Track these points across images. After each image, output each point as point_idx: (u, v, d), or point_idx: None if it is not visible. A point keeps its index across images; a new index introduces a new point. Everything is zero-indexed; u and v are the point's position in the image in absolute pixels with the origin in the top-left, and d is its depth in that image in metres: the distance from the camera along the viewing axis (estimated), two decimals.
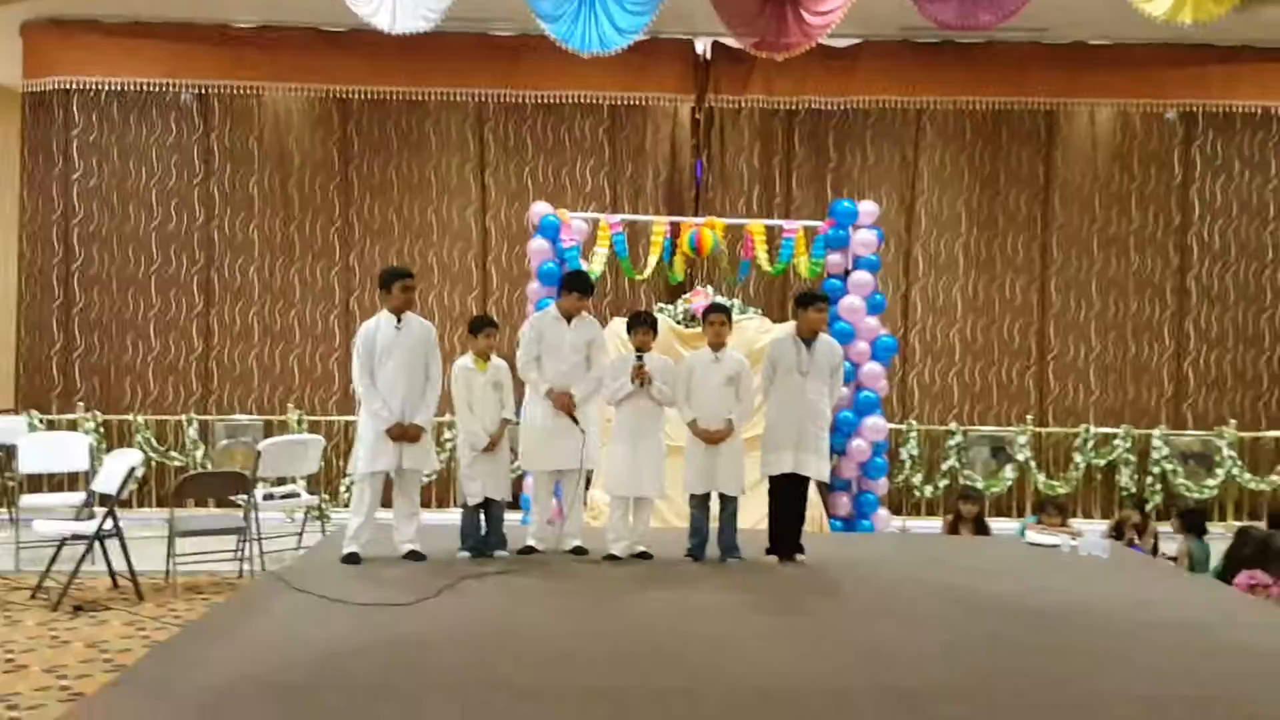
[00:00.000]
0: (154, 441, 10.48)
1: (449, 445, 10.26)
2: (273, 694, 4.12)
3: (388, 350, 6.42)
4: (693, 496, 6.70)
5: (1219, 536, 8.26)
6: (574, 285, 6.79)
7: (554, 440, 6.69)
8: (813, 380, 6.64)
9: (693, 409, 6.63)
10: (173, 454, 10.50)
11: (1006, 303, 11.26)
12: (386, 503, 6.68)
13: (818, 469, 6.66)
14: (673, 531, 7.53)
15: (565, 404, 6.63)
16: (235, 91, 10.97)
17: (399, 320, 6.48)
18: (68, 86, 10.90)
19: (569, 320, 6.77)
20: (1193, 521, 7.98)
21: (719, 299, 9.78)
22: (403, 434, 6.40)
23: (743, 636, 5.03)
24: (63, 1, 10.33)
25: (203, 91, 10.98)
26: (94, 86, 10.92)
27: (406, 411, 6.43)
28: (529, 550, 6.75)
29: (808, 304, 6.72)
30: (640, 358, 6.66)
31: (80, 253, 11.01)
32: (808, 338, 6.70)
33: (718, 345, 6.70)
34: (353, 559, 6.37)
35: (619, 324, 9.57)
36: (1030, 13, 8.33)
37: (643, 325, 6.76)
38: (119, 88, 10.92)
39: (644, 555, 6.68)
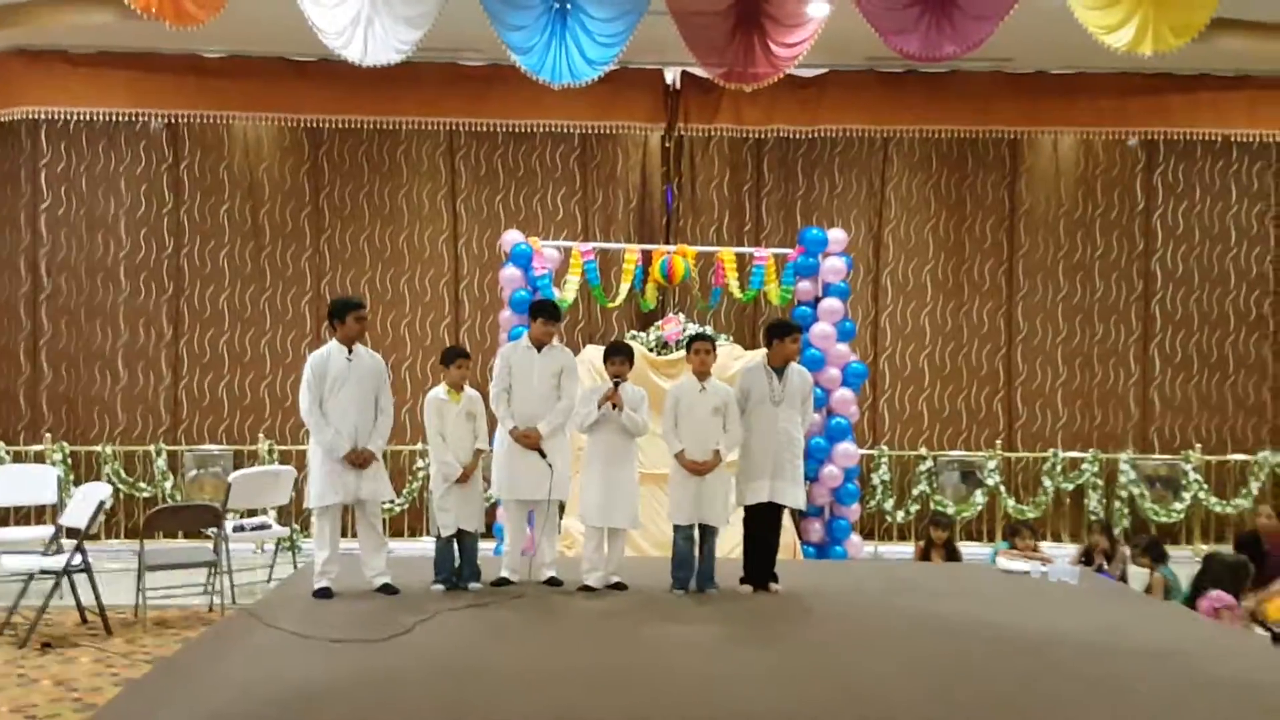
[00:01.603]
0: (122, 472, 10.35)
1: (421, 474, 10.21)
2: None
3: (339, 381, 6.38)
4: (677, 528, 6.65)
5: (1186, 560, 8.33)
6: (539, 312, 6.80)
7: (524, 470, 6.67)
8: (786, 409, 6.66)
9: (680, 439, 6.61)
10: (141, 485, 10.38)
11: (974, 328, 11.35)
12: (350, 531, 6.62)
13: (794, 497, 6.67)
14: (647, 561, 7.51)
15: (529, 443, 6.62)
16: (204, 120, 10.92)
17: (350, 351, 6.44)
18: (36, 117, 10.81)
19: (539, 348, 6.76)
20: (1155, 552, 8.06)
21: (692, 327, 9.82)
22: (355, 459, 6.34)
23: (720, 669, 5.01)
24: (30, 32, 10.23)
25: (172, 120, 10.92)
26: (62, 117, 10.84)
27: (358, 443, 6.38)
28: (503, 582, 6.70)
29: (783, 334, 6.73)
30: (616, 385, 6.66)
31: (48, 283, 10.91)
32: (778, 366, 6.72)
33: (703, 374, 6.69)
34: (324, 594, 6.31)
35: (592, 351, 9.58)
36: (994, 43, 8.43)
37: (619, 355, 6.76)
38: (87, 118, 10.84)
39: (618, 586, 6.65)
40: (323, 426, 6.33)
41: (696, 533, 6.68)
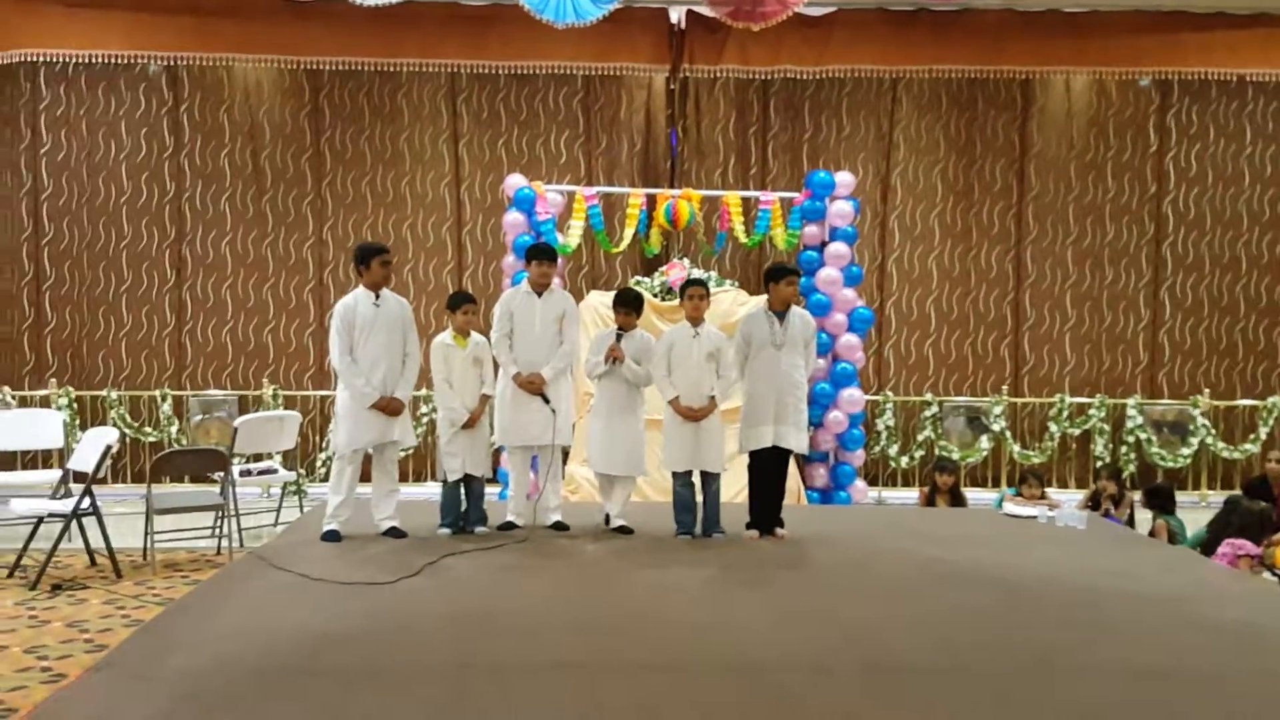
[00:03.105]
0: (128, 417, 10.44)
1: (426, 420, 10.28)
2: (257, 678, 4.15)
3: (368, 327, 6.44)
4: (676, 475, 6.74)
5: (1192, 505, 8.38)
6: (534, 255, 6.85)
7: (526, 416, 6.75)
8: (788, 353, 6.69)
9: (674, 385, 6.66)
10: (147, 429, 10.47)
11: (982, 273, 11.33)
12: (365, 478, 6.70)
13: (797, 441, 6.72)
14: (653, 507, 7.59)
15: (533, 388, 6.67)
16: (203, 63, 10.86)
17: (377, 296, 6.49)
18: (34, 59, 10.76)
19: (539, 293, 6.80)
20: (1160, 501, 8.02)
21: (696, 272, 9.82)
22: (387, 407, 6.43)
23: (724, 613, 5.10)
24: None
25: (171, 63, 10.86)
26: (61, 59, 10.78)
27: (388, 387, 6.47)
28: (509, 526, 6.80)
29: (779, 277, 6.75)
30: (619, 336, 6.71)
31: (50, 228, 10.91)
32: (780, 310, 6.74)
33: (696, 320, 6.74)
34: (333, 537, 6.41)
35: (596, 297, 9.61)
36: None
37: (625, 306, 6.80)
38: (86, 60, 10.78)
39: (623, 530, 6.73)
40: (354, 373, 6.40)
41: (697, 478, 6.75)
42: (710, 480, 6.72)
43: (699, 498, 6.80)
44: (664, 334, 6.94)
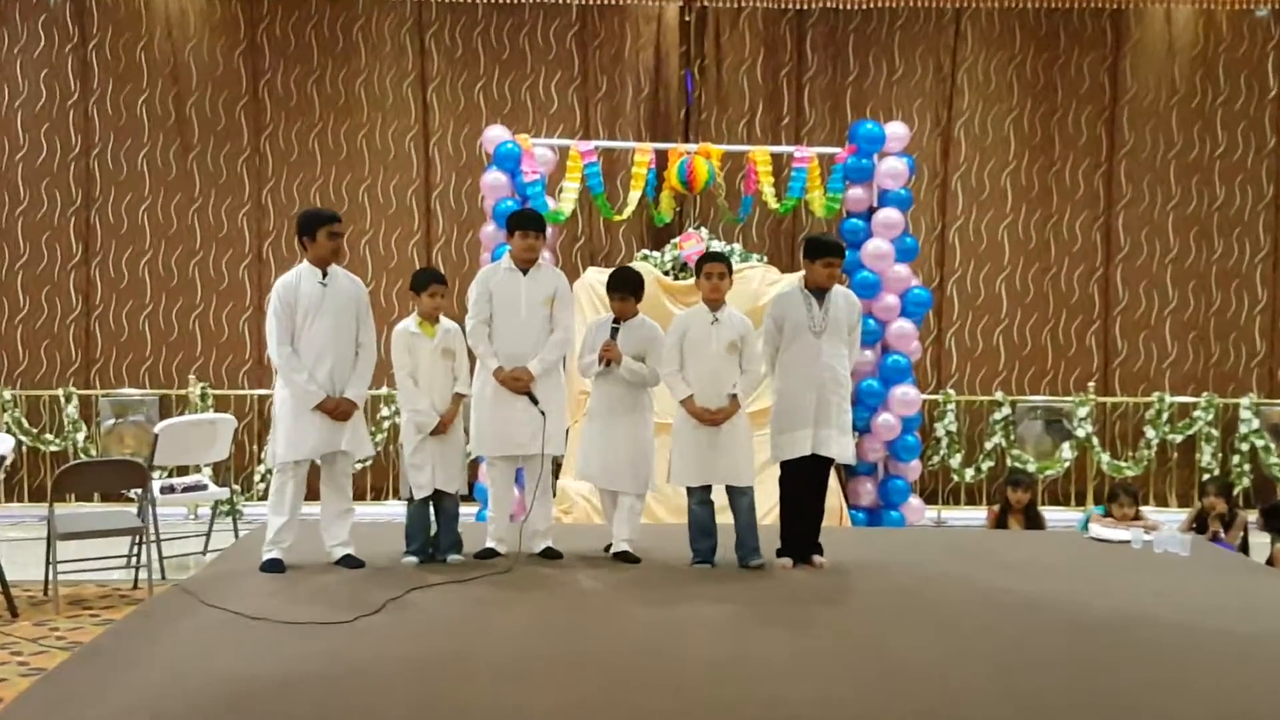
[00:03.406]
0: (25, 422, 10.46)
1: (388, 425, 10.31)
2: None
3: (312, 311, 6.44)
4: (691, 491, 6.73)
5: None
6: (517, 224, 6.84)
7: (510, 420, 6.75)
8: (829, 341, 6.66)
9: (688, 382, 6.67)
10: (48, 437, 10.49)
11: (1064, 245, 11.32)
12: (313, 496, 6.72)
13: (840, 449, 6.71)
14: (664, 530, 7.60)
15: (518, 385, 6.69)
16: None
17: (324, 275, 6.50)
18: None
19: (524, 270, 6.81)
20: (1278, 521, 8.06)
21: (715, 244, 9.83)
22: (334, 410, 6.44)
23: (749, 656, 5.10)
24: None
25: None
26: None
27: (336, 385, 6.48)
28: (489, 554, 6.80)
29: (814, 256, 6.71)
30: (615, 328, 6.71)
31: None
32: (819, 289, 6.73)
33: (716, 302, 6.73)
34: (275, 566, 6.42)
35: (595, 275, 9.62)
36: None
37: (620, 289, 6.80)
38: None
39: (628, 558, 6.74)
40: (295, 367, 6.41)
41: (718, 495, 6.74)
42: (739, 496, 6.71)
43: (721, 518, 6.79)
44: (676, 319, 6.92)
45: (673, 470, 6.76)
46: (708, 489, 6.72)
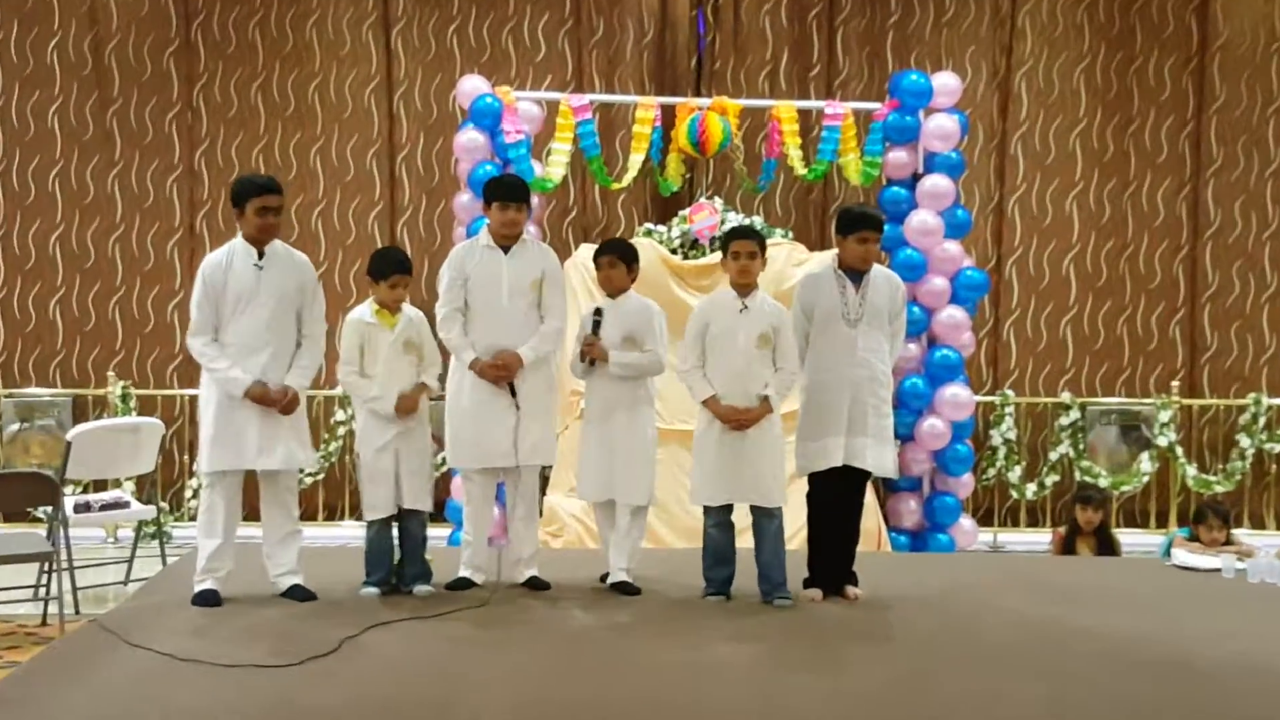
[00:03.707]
0: None
1: (343, 432, 10.30)
2: None
3: (244, 299, 6.41)
4: (708, 510, 6.70)
5: None
6: (494, 193, 6.83)
7: (490, 425, 6.74)
8: (866, 331, 6.65)
9: (711, 380, 6.62)
10: None
11: (1144, 218, 11.32)
12: (254, 515, 6.72)
13: (879, 460, 6.70)
14: (669, 556, 7.60)
15: (503, 374, 6.68)
16: None
17: (260, 255, 6.48)
18: None
19: (505, 248, 6.80)
20: None
21: (732, 216, 9.82)
22: (264, 397, 6.42)
23: (773, 707, 5.10)
24: None
25: None
26: None
27: (272, 380, 6.47)
28: (464, 584, 6.80)
29: (849, 229, 6.71)
30: (597, 320, 6.70)
31: None
32: (855, 270, 6.72)
33: (746, 287, 6.66)
34: (209, 599, 6.42)
35: (587, 252, 9.60)
36: None
37: (608, 252, 6.81)
38: None
39: (626, 589, 6.74)
40: (212, 356, 6.41)
41: (739, 516, 6.73)
42: (765, 519, 6.65)
43: (741, 541, 6.77)
44: (698, 308, 6.87)
45: (692, 486, 6.77)
46: (728, 509, 6.70)
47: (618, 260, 6.80)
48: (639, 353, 6.73)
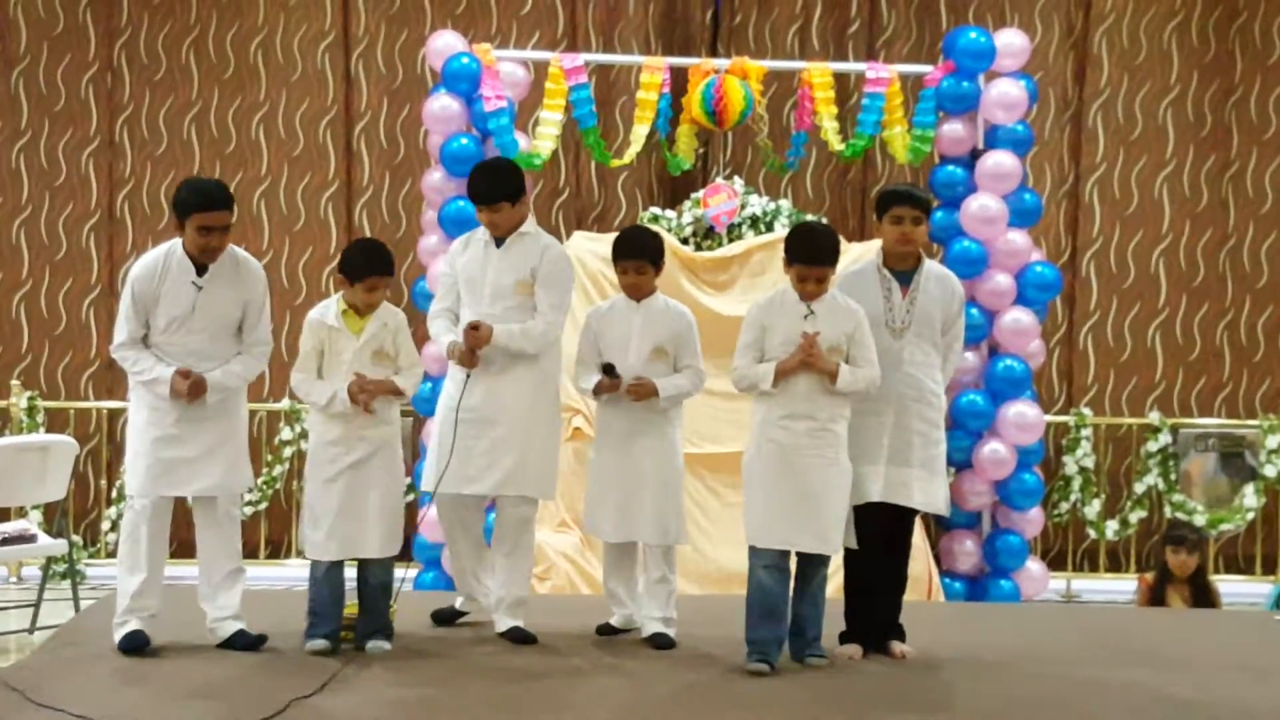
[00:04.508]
0: None
1: (289, 454, 10.31)
2: None
3: (179, 321, 6.49)
4: (756, 552, 6.49)
5: None
6: (470, 193, 6.95)
7: (475, 443, 6.81)
8: (913, 342, 6.63)
9: (778, 398, 6.44)
10: None
11: (1248, 205, 11.34)
12: (184, 552, 6.75)
13: (927, 494, 6.69)
14: (692, 603, 7.59)
15: (471, 343, 6.69)
16: None
17: (200, 271, 6.53)
18: None
19: (499, 241, 6.86)
20: None
21: (758, 201, 9.85)
22: (188, 389, 6.44)
23: None
24: None
25: None
26: None
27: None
28: (450, 615, 7.04)
29: (881, 210, 6.72)
30: (609, 365, 6.71)
31: None
32: (902, 269, 6.73)
33: (816, 290, 6.51)
34: (137, 641, 6.45)
35: (584, 242, 9.68)
36: None
37: (633, 256, 6.77)
38: None
39: (660, 641, 6.78)
40: (138, 359, 6.46)
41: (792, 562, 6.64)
42: (815, 567, 6.58)
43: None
44: (754, 309, 6.70)
45: (750, 523, 6.56)
46: (784, 554, 6.53)
47: (647, 266, 6.79)
48: (680, 376, 6.75)
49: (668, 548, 6.85)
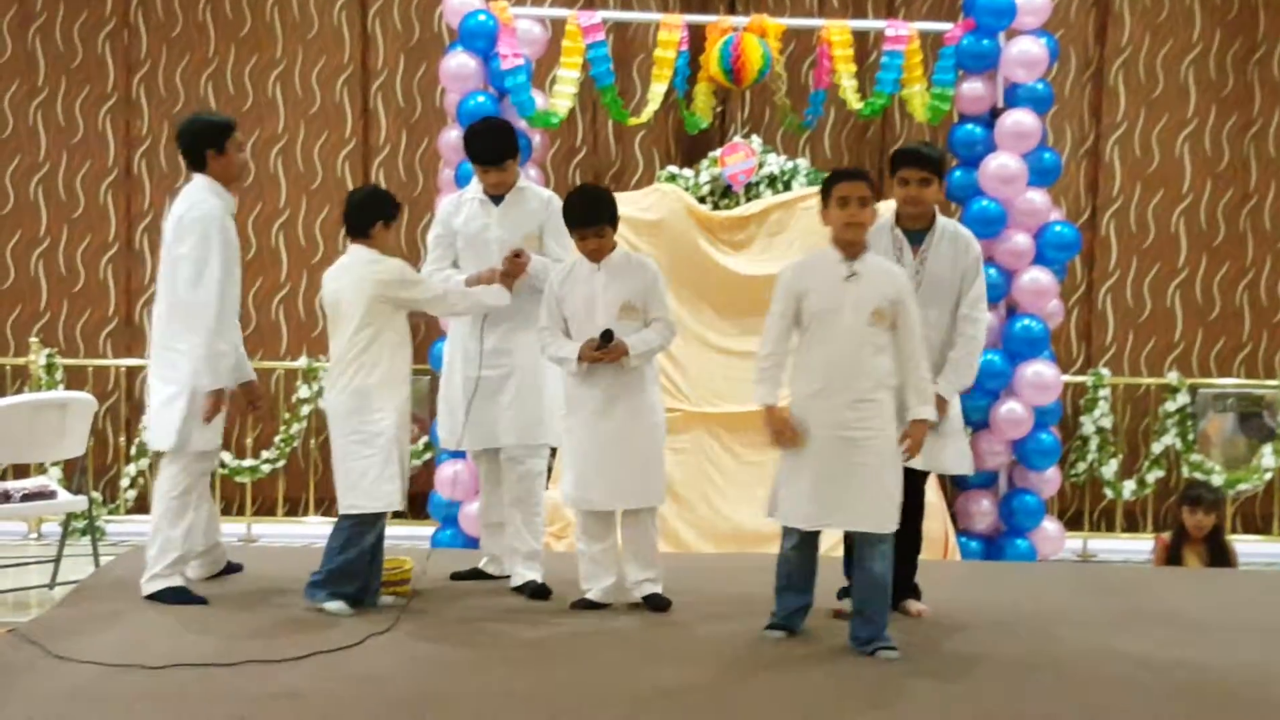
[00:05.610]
0: None
1: (307, 412, 10.32)
2: None
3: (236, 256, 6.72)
4: (789, 531, 6.37)
5: None
6: (472, 151, 6.95)
7: (495, 398, 6.95)
8: (928, 303, 6.54)
9: (817, 367, 6.22)
10: None
11: (1271, 164, 11.31)
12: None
13: (945, 455, 6.71)
14: (692, 560, 7.59)
15: (511, 266, 6.75)
16: None
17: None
18: None
19: (497, 199, 6.93)
20: None
21: (776, 160, 9.84)
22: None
23: None
24: None
25: None
26: None
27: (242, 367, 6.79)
28: (476, 575, 7.17)
29: (893, 169, 6.70)
30: (608, 330, 6.59)
31: None
32: (915, 228, 6.70)
33: (854, 246, 6.22)
34: (183, 595, 6.64)
35: None
36: None
37: (591, 221, 6.64)
38: None
39: (655, 603, 6.80)
40: (210, 303, 6.52)
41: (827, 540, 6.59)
42: (871, 546, 6.20)
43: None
44: (786, 272, 6.41)
45: (777, 496, 6.35)
46: (815, 533, 6.37)
47: (607, 228, 6.67)
48: (649, 330, 6.67)
49: (652, 508, 6.87)
